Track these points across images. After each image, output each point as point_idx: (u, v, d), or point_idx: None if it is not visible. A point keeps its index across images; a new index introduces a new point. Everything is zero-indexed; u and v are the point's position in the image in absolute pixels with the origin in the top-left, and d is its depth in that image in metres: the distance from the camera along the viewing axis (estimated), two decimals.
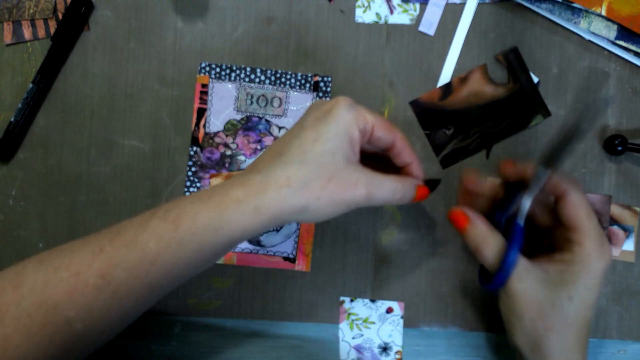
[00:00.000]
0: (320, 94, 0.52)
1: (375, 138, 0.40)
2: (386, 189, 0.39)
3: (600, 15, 0.50)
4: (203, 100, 0.52)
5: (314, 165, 0.37)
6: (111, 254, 0.37)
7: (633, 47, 0.50)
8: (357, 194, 0.37)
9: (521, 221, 0.42)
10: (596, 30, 0.51)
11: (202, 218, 0.36)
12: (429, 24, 0.52)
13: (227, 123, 0.52)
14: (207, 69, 0.52)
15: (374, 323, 0.52)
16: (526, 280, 0.41)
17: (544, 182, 0.42)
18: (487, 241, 0.42)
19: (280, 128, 0.52)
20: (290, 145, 0.38)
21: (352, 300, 0.52)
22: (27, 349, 0.37)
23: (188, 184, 0.52)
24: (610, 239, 0.52)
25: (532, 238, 0.46)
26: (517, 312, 0.42)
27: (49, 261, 0.38)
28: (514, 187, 0.44)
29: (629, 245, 0.52)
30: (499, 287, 0.42)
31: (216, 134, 0.52)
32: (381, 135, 0.40)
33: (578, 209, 0.42)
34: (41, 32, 0.52)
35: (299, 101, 0.52)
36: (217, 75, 0.52)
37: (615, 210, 0.52)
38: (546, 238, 0.45)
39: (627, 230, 0.52)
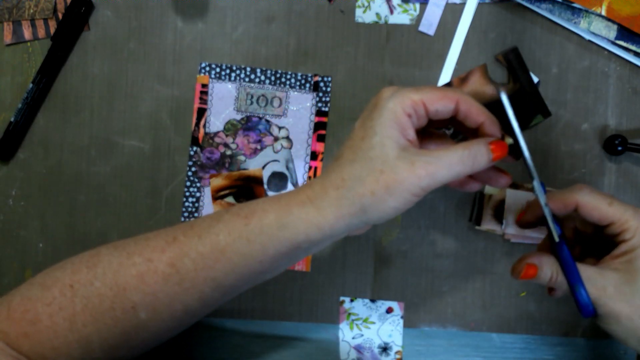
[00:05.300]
0: (320, 94, 0.52)
1: (432, 112, 0.38)
2: (449, 160, 0.36)
3: (600, 15, 0.50)
4: (203, 100, 0.52)
5: (365, 161, 0.36)
6: (183, 244, 0.38)
7: (633, 47, 0.50)
8: (416, 177, 0.35)
9: (556, 237, 0.41)
10: (596, 30, 0.51)
11: (270, 216, 0.37)
12: (429, 24, 0.52)
13: (227, 123, 0.52)
14: (207, 69, 0.52)
15: (374, 323, 0.52)
16: (605, 288, 0.40)
17: (544, 191, 0.42)
18: (559, 279, 0.41)
19: (280, 128, 0.52)
20: (344, 148, 0.38)
21: (352, 300, 0.52)
22: (92, 329, 0.38)
23: (188, 184, 0.52)
24: None
25: (595, 243, 0.45)
26: (613, 318, 0.41)
27: (124, 247, 0.40)
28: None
29: None
30: (591, 315, 0.41)
31: (216, 134, 0.52)
32: (438, 107, 0.38)
33: (596, 208, 0.41)
34: (41, 32, 0.52)
35: (299, 101, 0.52)
36: (217, 75, 0.52)
37: None
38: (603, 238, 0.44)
39: None
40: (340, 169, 0.37)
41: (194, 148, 0.52)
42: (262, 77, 0.52)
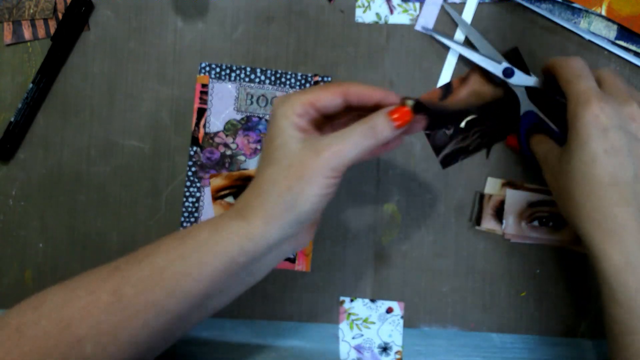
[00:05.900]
0: None
1: (322, 108, 0.40)
2: (352, 137, 0.38)
3: (600, 15, 0.50)
4: (203, 100, 0.52)
5: (274, 163, 0.38)
6: (124, 271, 0.39)
7: (633, 47, 0.50)
8: (322, 159, 0.37)
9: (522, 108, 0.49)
10: (596, 30, 0.51)
11: (203, 233, 0.39)
12: (429, 24, 0.52)
13: (227, 123, 0.52)
14: (207, 69, 0.52)
15: (374, 323, 0.52)
16: (547, 159, 0.45)
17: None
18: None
19: None
20: (259, 160, 0.41)
21: (352, 300, 0.52)
22: None
23: (188, 184, 0.52)
24: None
25: None
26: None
27: (68, 284, 0.40)
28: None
29: None
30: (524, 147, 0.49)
31: (216, 134, 0.52)
32: (325, 103, 0.40)
33: (560, 73, 0.45)
34: (41, 32, 0.52)
35: None
36: (217, 75, 0.52)
37: None
38: None
39: None
40: (257, 178, 0.39)
41: (194, 148, 0.52)
42: (262, 77, 0.52)
